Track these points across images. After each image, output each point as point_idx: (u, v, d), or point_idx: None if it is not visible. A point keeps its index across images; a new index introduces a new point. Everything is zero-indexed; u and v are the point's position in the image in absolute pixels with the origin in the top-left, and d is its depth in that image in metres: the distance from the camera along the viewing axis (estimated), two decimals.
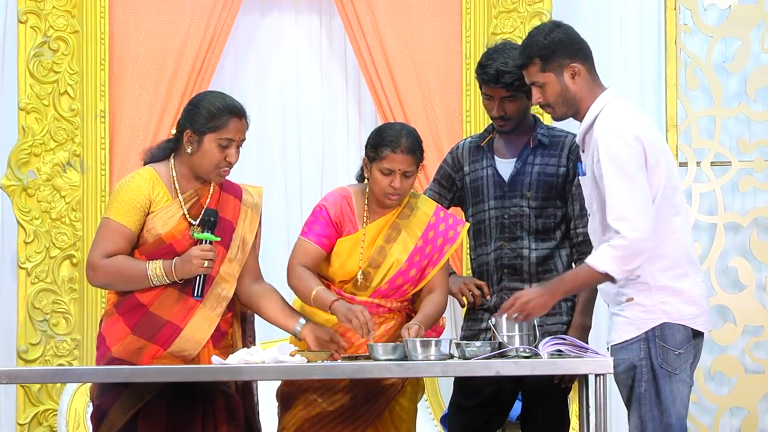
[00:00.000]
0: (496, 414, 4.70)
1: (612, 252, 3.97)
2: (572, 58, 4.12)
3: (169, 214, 4.19)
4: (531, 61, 4.14)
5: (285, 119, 6.27)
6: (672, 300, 4.04)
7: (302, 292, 4.35)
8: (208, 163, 4.18)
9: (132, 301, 4.17)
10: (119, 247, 4.16)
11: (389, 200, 4.40)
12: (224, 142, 4.17)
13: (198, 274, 4.13)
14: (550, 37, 4.13)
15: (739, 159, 6.11)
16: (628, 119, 4.07)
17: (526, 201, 4.59)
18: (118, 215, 4.17)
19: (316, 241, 4.41)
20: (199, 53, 5.99)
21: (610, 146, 3.99)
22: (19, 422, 5.89)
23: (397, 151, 4.34)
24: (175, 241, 4.18)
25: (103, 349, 4.17)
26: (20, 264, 5.92)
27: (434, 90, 6.06)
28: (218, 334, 4.22)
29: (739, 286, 6.08)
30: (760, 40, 6.07)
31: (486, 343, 4.05)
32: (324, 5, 6.24)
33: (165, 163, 4.26)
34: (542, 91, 4.15)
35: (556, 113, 4.18)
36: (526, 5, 6.05)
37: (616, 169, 3.98)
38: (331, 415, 4.36)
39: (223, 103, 4.20)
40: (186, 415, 4.13)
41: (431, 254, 4.46)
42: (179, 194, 4.22)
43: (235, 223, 4.28)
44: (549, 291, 4.09)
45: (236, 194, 4.33)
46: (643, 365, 4.02)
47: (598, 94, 4.14)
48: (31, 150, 5.95)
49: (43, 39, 5.96)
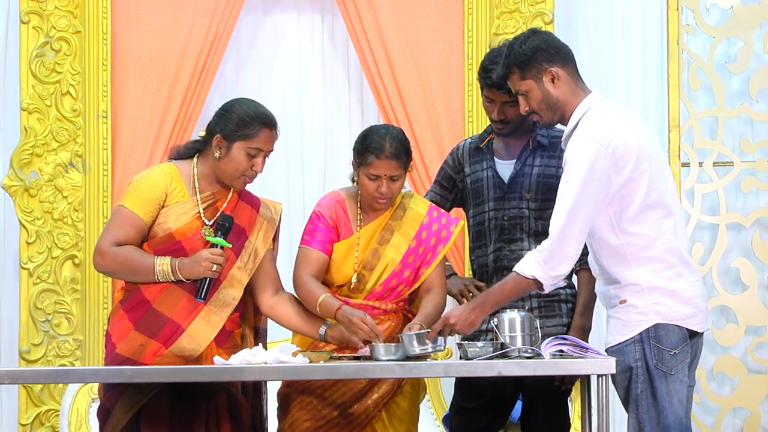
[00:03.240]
0: (497, 415, 4.70)
1: (538, 256, 4.01)
2: (550, 63, 4.12)
3: (183, 210, 4.20)
4: (510, 70, 4.16)
5: (287, 119, 6.26)
6: (666, 300, 4.04)
7: (309, 300, 4.33)
8: (234, 170, 4.19)
9: (137, 297, 4.17)
10: (129, 236, 4.17)
11: (378, 204, 4.41)
12: (253, 152, 4.18)
13: (204, 276, 4.13)
14: (525, 45, 4.13)
15: (742, 159, 6.10)
16: (606, 124, 4.05)
17: (526, 203, 4.59)
18: (132, 204, 4.18)
19: (319, 248, 4.41)
20: (201, 53, 5.99)
21: (576, 150, 4.01)
22: (21, 422, 5.89)
23: (382, 157, 4.33)
24: (185, 239, 4.18)
25: (110, 346, 4.18)
26: (22, 264, 5.92)
27: (436, 90, 6.06)
28: (224, 334, 4.22)
29: (741, 287, 6.07)
30: (762, 40, 6.07)
31: (488, 344, 4.06)
32: (326, 5, 6.24)
33: (188, 161, 4.28)
34: (526, 99, 4.16)
35: (544, 119, 4.18)
36: (528, 6, 6.04)
37: (575, 173, 3.98)
38: (328, 416, 4.35)
39: (256, 112, 4.21)
40: (189, 413, 4.14)
41: (424, 254, 4.46)
42: (197, 193, 4.23)
43: (249, 232, 4.28)
44: (476, 306, 4.12)
45: (254, 205, 4.34)
46: (638, 366, 4.02)
47: (582, 97, 4.13)
48: (34, 150, 5.95)
49: (45, 39, 5.96)
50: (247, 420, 4.25)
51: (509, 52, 4.16)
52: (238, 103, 4.27)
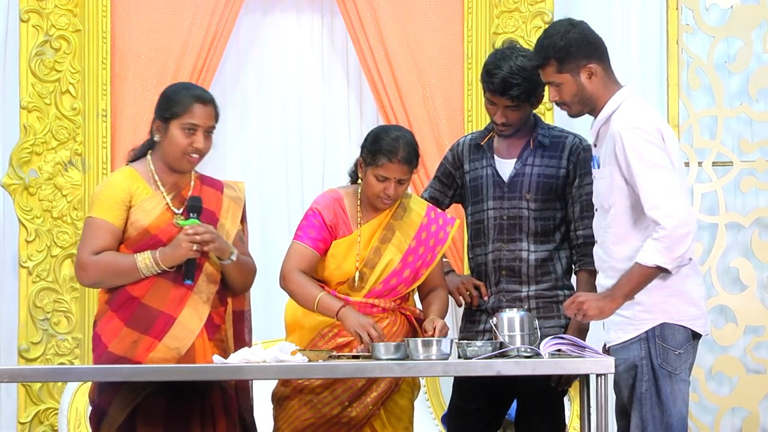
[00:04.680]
0: (495, 416, 4.70)
1: (655, 244, 3.96)
2: (588, 59, 4.12)
3: (151, 205, 4.21)
4: (548, 62, 4.14)
5: (286, 118, 6.27)
6: (673, 300, 4.04)
7: (304, 297, 4.34)
8: (175, 150, 4.21)
9: (124, 295, 4.18)
10: (106, 243, 4.18)
11: (382, 204, 4.42)
12: (188, 127, 4.20)
13: (188, 258, 4.14)
14: (566, 38, 4.12)
15: (741, 159, 6.10)
16: (649, 114, 4.10)
17: (526, 203, 4.58)
18: (100, 212, 4.19)
19: (311, 245, 4.41)
20: (200, 52, 5.99)
21: (635, 141, 4.01)
22: (20, 421, 5.89)
23: (394, 161, 4.35)
24: (161, 231, 4.20)
25: (101, 348, 4.18)
26: (21, 263, 5.92)
27: (436, 89, 6.05)
28: (212, 327, 4.24)
29: (740, 286, 6.08)
30: (762, 39, 6.07)
31: (487, 343, 4.05)
32: (326, 5, 6.24)
33: (143, 161, 4.31)
34: (558, 91, 4.15)
35: (572, 111, 4.19)
36: (528, 5, 6.04)
37: (644, 162, 3.99)
38: (327, 415, 4.36)
39: (186, 90, 4.27)
40: (184, 410, 4.15)
41: (425, 255, 4.47)
42: (160, 186, 4.24)
43: (218, 214, 4.29)
44: (607, 296, 4.06)
45: (217, 187, 4.36)
46: (643, 365, 4.02)
47: (614, 90, 4.15)
48: (33, 149, 5.95)
49: (44, 38, 5.96)
50: (236, 415, 4.26)
51: (548, 43, 4.14)
52: (171, 86, 4.36)
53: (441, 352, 3.98)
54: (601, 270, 4.18)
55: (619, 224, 4.08)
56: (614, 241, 4.10)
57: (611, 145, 4.07)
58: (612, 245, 4.10)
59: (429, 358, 3.96)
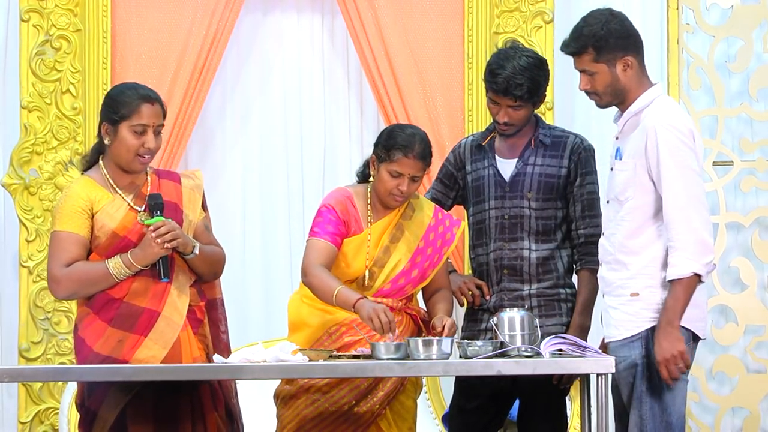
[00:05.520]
0: (497, 415, 4.70)
1: (682, 254, 3.97)
2: (626, 51, 4.12)
3: (113, 209, 4.21)
4: (585, 50, 4.12)
5: (287, 118, 6.27)
6: None
7: (323, 290, 4.34)
8: (126, 151, 4.20)
9: (104, 297, 4.17)
10: (74, 254, 4.17)
11: (394, 201, 4.43)
12: (138, 128, 4.19)
13: (160, 256, 4.14)
14: (606, 28, 4.10)
15: (741, 159, 6.10)
16: (682, 115, 4.12)
17: (527, 202, 4.58)
18: (63, 225, 4.19)
19: (330, 239, 4.41)
20: (201, 52, 5.98)
21: (669, 139, 4.01)
22: (20, 420, 5.89)
23: (410, 156, 4.36)
24: (129, 231, 4.19)
25: (85, 350, 4.16)
26: (22, 262, 5.92)
27: (436, 89, 6.05)
28: (195, 321, 4.24)
29: (740, 286, 6.07)
30: (762, 39, 6.07)
31: (488, 343, 4.05)
32: (326, 4, 6.24)
33: (96, 168, 4.30)
34: (591, 80, 4.15)
35: (602, 101, 4.19)
36: (528, 4, 6.04)
37: (675, 161, 4.00)
38: (334, 415, 4.37)
39: (132, 91, 4.25)
40: (173, 407, 4.15)
41: (432, 256, 4.48)
42: (117, 190, 4.24)
43: (181, 205, 4.29)
44: (665, 326, 3.98)
45: (175, 179, 4.36)
46: (644, 363, 4.02)
47: (646, 86, 4.15)
48: (33, 148, 5.95)
49: (45, 37, 5.96)
50: (223, 410, 4.27)
51: (588, 31, 4.12)
52: (116, 87, 4.35)
53: (441, 352, 3.97)
54: (605, 262, 4.16)
55: (635, 219, 4.07)
56: (627, 235, 4.08)
57: (641, 140, 4.06)
58: (624, 239, 4.09)
59: (429, 358, 3.96)
